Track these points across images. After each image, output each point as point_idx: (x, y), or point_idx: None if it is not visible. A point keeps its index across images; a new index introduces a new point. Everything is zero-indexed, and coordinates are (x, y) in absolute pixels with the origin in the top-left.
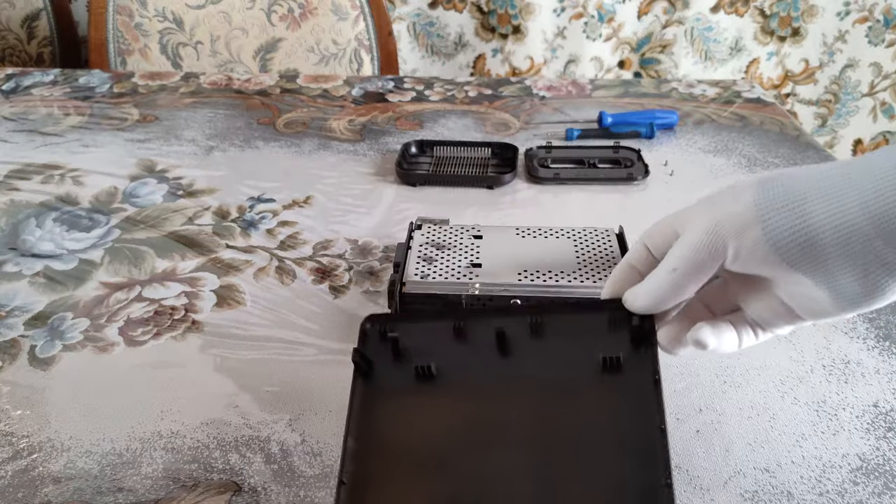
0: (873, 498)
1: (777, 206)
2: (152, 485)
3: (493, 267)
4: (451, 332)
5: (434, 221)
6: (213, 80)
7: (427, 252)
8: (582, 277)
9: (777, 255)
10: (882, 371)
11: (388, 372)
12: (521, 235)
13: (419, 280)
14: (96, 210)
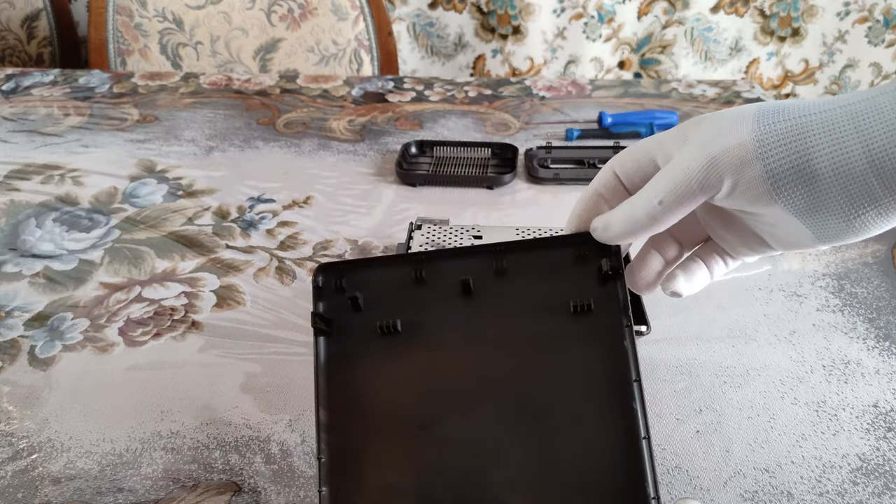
0: (873, 498)
1: (778, 141)
2: (152, 485)
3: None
4: (410, 279)
5: (434, 222)
6: (213, 81)
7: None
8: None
9: (774, 193)
10: (882, 371)
11: (349, 329)
12: (521, 236)
13: None
14: (96, 210)
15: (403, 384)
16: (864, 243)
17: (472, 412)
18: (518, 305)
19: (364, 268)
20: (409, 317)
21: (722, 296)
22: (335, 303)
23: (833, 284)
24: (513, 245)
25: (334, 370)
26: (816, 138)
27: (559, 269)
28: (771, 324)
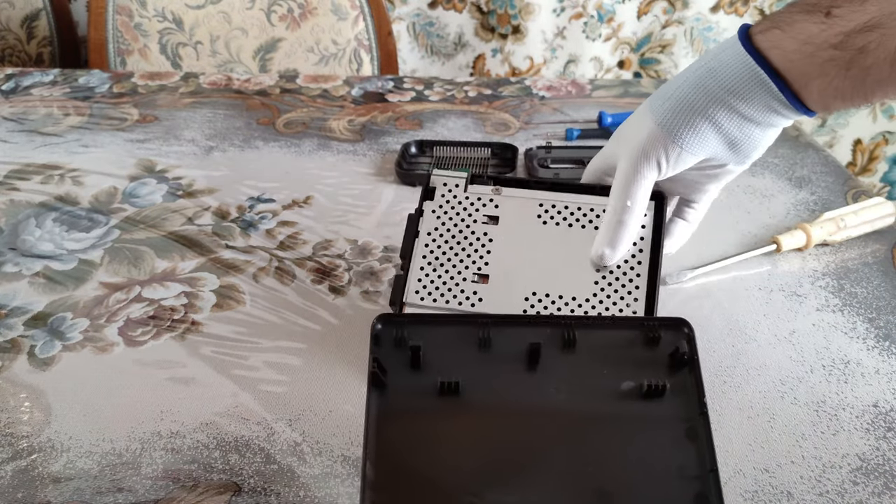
0: (873, 498)
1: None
2: (152, 485)
3: (501, 281)
4: (474, 342)
5: (451, 178)
6: (213, 81)
7: (434, 248)
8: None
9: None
10: (882, 371)
11: (404, 383)
12: (543, 221)
13: (420, 302)
14: (96, 210)
15: (457, 449)
16: (864, 243)
17: (527, 488)
18: (584, 381)
19: (426, 323)
20: (471, 379)
21: (722, 296)
22: (392, 355)
23: (833, 284)
24: (583, 320)
25: (385, 425)
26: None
27: (629, 347)
28: (771, 324)
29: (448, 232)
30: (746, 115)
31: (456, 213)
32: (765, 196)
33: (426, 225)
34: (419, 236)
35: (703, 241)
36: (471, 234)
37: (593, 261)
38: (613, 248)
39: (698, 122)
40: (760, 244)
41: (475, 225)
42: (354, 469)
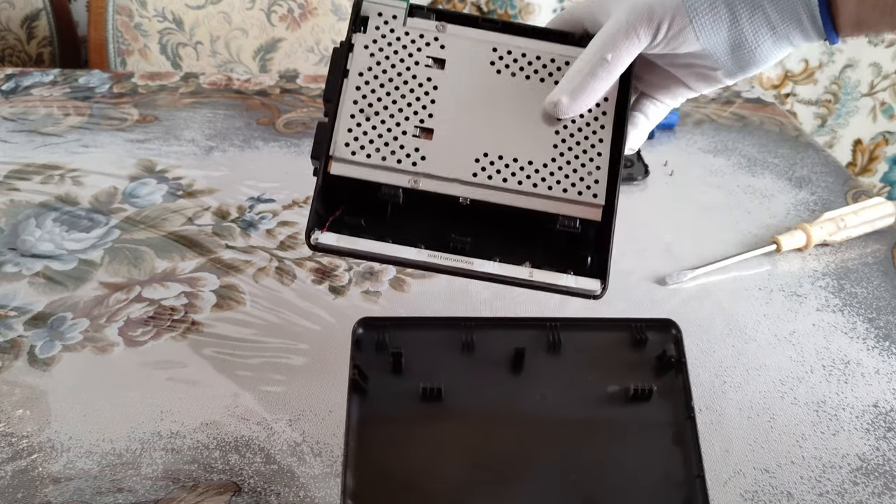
0: (873, 498)
1: None
2: (152, 485)
3: (448, 138)
4: (457, 345)
5: (387, 6)
6: (213, 81)
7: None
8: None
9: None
10: (882, 371)
11: (386, 388)
12: (497, 69)
13: (350, 157)
14: (96, 210)
15: (440, 456)
16: (864, 243)
17: (512, 496)
18: (570, 385)
19: (409, 326)
20: (453, 384)
21: (722, 296)
22: (374, 360)
23: (833, 284)
24: (569, 322)
25: (366, 432)
26: None
27: (615, 349)
28: (771, 324)
29: (384, 74)
30: (769, 15)
31: (394, 52)
32: (765, 196)
33: (357, 63)
34: (348, 77)
35: (703, 241)
36: (412, 79)
37: (546, 107)
38: (573, 99)
39: (719, 1)
40: (760, 244)
41: (417, 68)
42: None
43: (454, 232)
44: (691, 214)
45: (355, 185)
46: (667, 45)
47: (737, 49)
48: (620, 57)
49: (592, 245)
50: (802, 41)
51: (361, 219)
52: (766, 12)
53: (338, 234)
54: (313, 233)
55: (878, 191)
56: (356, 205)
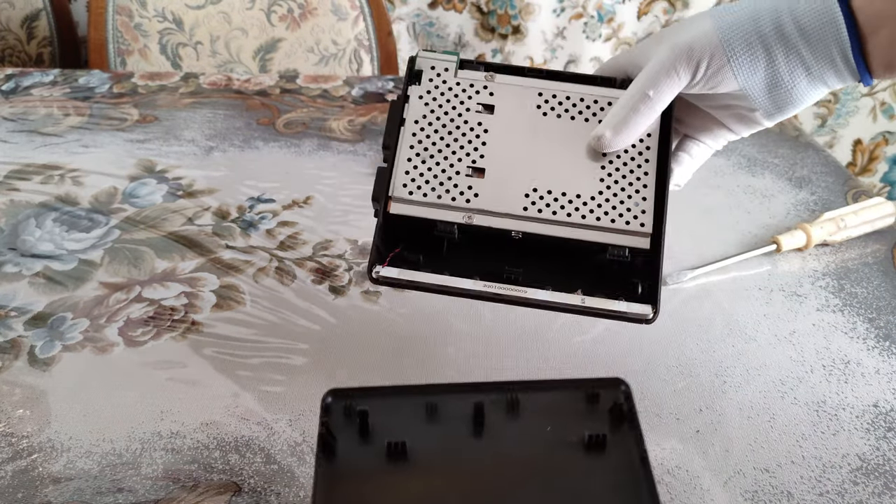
0: (873, 498)
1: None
2: (152, 485)
3: (498, 176)
4: (421, 408)
5: (440, 60)
6: (213, 81)
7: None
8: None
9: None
10: (882, 371)
11: (353, 450)
12: (543, 112)
13: (408, 197)
14: (96, 210)
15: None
16: (864, 243)
17: None
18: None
19: (374, 395)
20: (418, 442)
21: (722, 296)
22: (341, 425)
23: (833, 284)
24: (525, 384)
25: (333, 492)
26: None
27: (571, 406)
28: (771, 324)
29: (438, 120)
30: (804, 56)
31: (446, 101)
32: (765, 196)
33: (413, 112)
34: (405, 124)
35: (703, 241)
36: (463, 124)
37: (591, 142)
38: (616, 132)
39: (756, 42)
40: (760, 244)
41: (468, 114)
42: None
43: (507, 264)
44: (691, 214)
45: (413, 224)
46: (706, 84)
47: (774, 89)
48: (662, 93)
49: (641, 272)
50: (837, 82)
51: (420, 255)
52: (801, 53)
53: (398, 268)
54: (375, 267)
55: (878, 191)
56: (414, 242)
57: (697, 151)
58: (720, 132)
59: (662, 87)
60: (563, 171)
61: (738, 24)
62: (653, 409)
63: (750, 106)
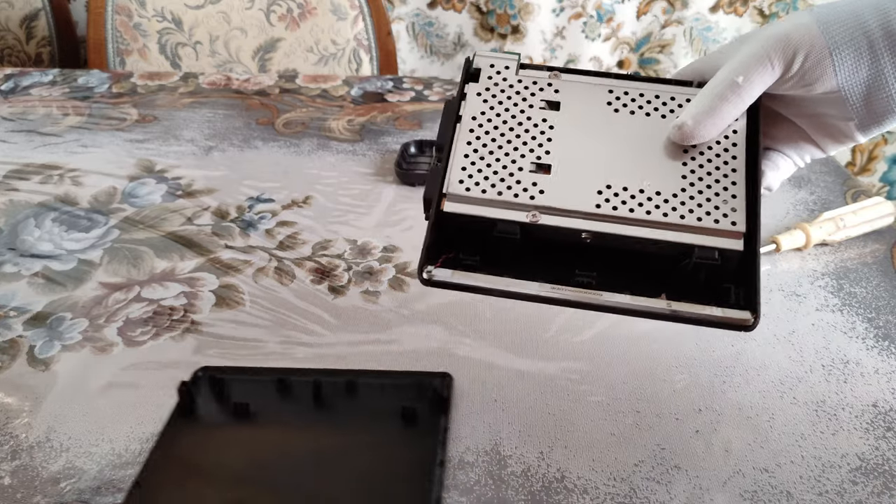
0: (872, 497)
1: (835, 19)
2: None
3: (566, 173)
4: (273, 383)
5: (500, 59)
6: (212, 81)
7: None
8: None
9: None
10: (881, 371)
11: (208, 409)
12: (615, 108)
13: (465, 193)
14: (95, 210)
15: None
16: (863, 243)
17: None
18: (358, 412)
19: (240, 372)
20: (262, 409)
21: None
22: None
23: (832, 284)
24: (368, 372)
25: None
26: (867, 15)
27: (400, 391)
28: (770, 323)
29: (498, 117)
30: None
31: (507, 97)
32: (764, 196)
33: (470, 109)
34: (461, 122)
35: None
36: (526, 121)
37: (671, 134)
38: (699, 121)
39: (860, 37)
40: (760, 244)
41: (531, 111)
42: None
43: (578, 268)
44: None
45: (471, 225)
46: (800, 80)
47: (875, 93)
48: (752, 82)
49: (734, 276)
50: None
51: (477, 257)
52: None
53: (452, 269)
54: (426, 267)
55: (878, 190)
56: (471, 245)
57: (783, 163)
58: (806, 146)
59: (753, 76)
60: (640, 168)
61: (840, 18)
62: (652, 408)
63: (844, 115)
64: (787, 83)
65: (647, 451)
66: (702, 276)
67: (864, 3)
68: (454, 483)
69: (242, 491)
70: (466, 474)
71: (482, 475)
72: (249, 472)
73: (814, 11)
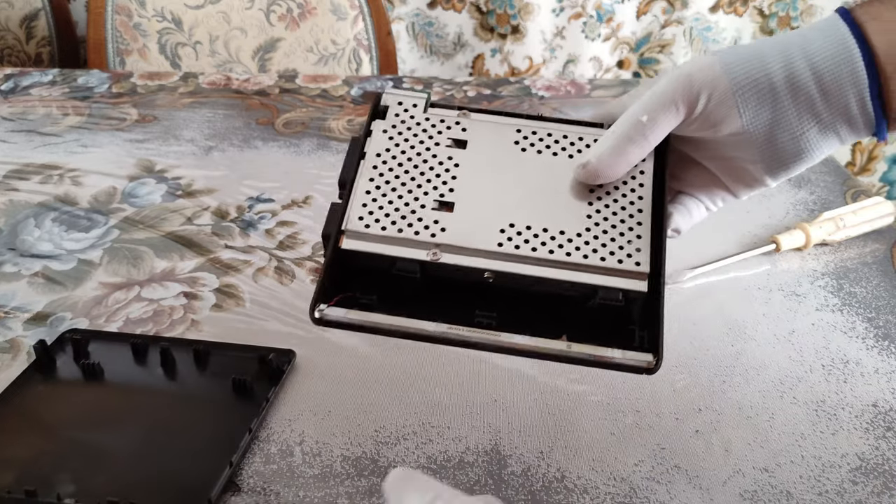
0: (872, 497)
1: (739, 61)
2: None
3: (470, 211)
4: (129, 348)
5: (408, 97)
6: (212, 81)
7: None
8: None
9: (739, 104)
10: (881, 371)
11: (65, 369)
12: (522, 147)
13: (364, 230)
14: (95, 210)
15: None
16: (863, 242)
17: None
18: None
19: (102, 337)
20: (115, 370)
21: (721, 295)
22: (66, 352)
23: (832, 284)
24: (218, 344)
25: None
26: (770, 57)
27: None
28: (770, 323)
29: (403, 154)
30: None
31: (413, 135)
32: (764, 196)
33: (375, 146)
34: (365, 158)
35: (702, 241)
36: (432, 158)
37: (576, 173)
38: (602, 160)
39: (762, 79)
40: (760, 244)
41: (437, 148)
42: (354, 469)
43: (478, 308)
44: None
45: (368, 262)
46: (705, 121)
47: (779, 134)
48: (656, 121)
49: (638, 318)
50: (849, 133)
51: (374, 296)
52: (812, 95)
53: (347, 308)
54: (318, 306)
55: (878, 190)
56: (369, 284)
57: (693, 207)
58: (717, 190)
59: (658, 116)
60: (545, 207)
61: (743, 59)
62: (652, 408)
63: (752, 157)
64: (693, 124)
65: (647, 451)
66: (606, 318)
67: (767, 44)
68: (454, 483)
69: (67, 444)
70: (466, 474)
71: (482, 475)
72: (82, 427)
73: (718, 53)
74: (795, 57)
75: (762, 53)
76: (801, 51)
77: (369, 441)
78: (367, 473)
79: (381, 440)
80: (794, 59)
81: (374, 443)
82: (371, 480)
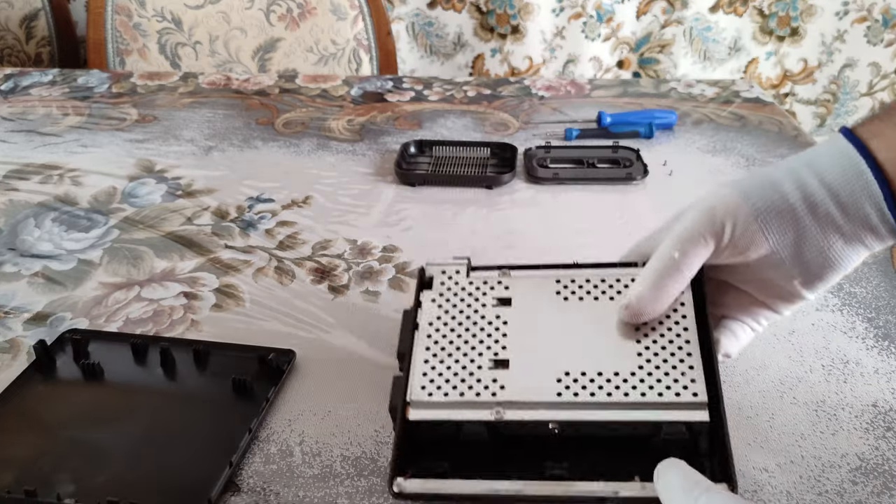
0: (872, 497)
1: (755, 189)
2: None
3: (525, 366)
4: (129, 348)
5: (449, 265)
6: (212, 81)
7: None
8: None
9: (763, 230)
10: (881, 371)
11: (65, 368)
12: (564, 297)
13: (427, 399)
14: (95, 210)
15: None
16: None
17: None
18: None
19: (101, 336)
20: (115, 371)
21: None
22: (66, 352)
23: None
24: (219, 344)
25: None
26: (781, 180)
27: (245, 362)
28: (770, 323)
29: (453, 319)
30: (833, 214)
31: (460, 300)
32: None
33: (426, 316)
34: (419, 329)
35: None
36: (481, 319)
37: (620, 315)
38: (644, 299)
39: (779, 201)
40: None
41: (485, 309)
42: (354, 469)
43: (549, 460)
44: None
45: (438, 428)
46: (734, 249)
47: (807, 250)
48: (688, 256)
49: (705, 448)
50: (875, 241)
51: (446, 462)
52: (830, 210)
53: (423, 479)
54: (396, 480)
55: None
56: (440, 449)
57: (739, 329)
58: (758, 310)
59: (689, 251)
60: (596, 352)
61: (759, 186)
62: None
63: (786, 275)
64: (723, 253)
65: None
66: (673, 453)
67: (776, 169)
68: None
69: (67, 444)
70: None
71: None
72: (81, 427)
73: (734, 183)
74: (806, 176)
75: (773, 178)
76: (810, 170)
77: (369, 441)
78: (367, 473)
79: (381, 440)
80: (805, 179)
81: (374, 443)
82: (371, 480)
